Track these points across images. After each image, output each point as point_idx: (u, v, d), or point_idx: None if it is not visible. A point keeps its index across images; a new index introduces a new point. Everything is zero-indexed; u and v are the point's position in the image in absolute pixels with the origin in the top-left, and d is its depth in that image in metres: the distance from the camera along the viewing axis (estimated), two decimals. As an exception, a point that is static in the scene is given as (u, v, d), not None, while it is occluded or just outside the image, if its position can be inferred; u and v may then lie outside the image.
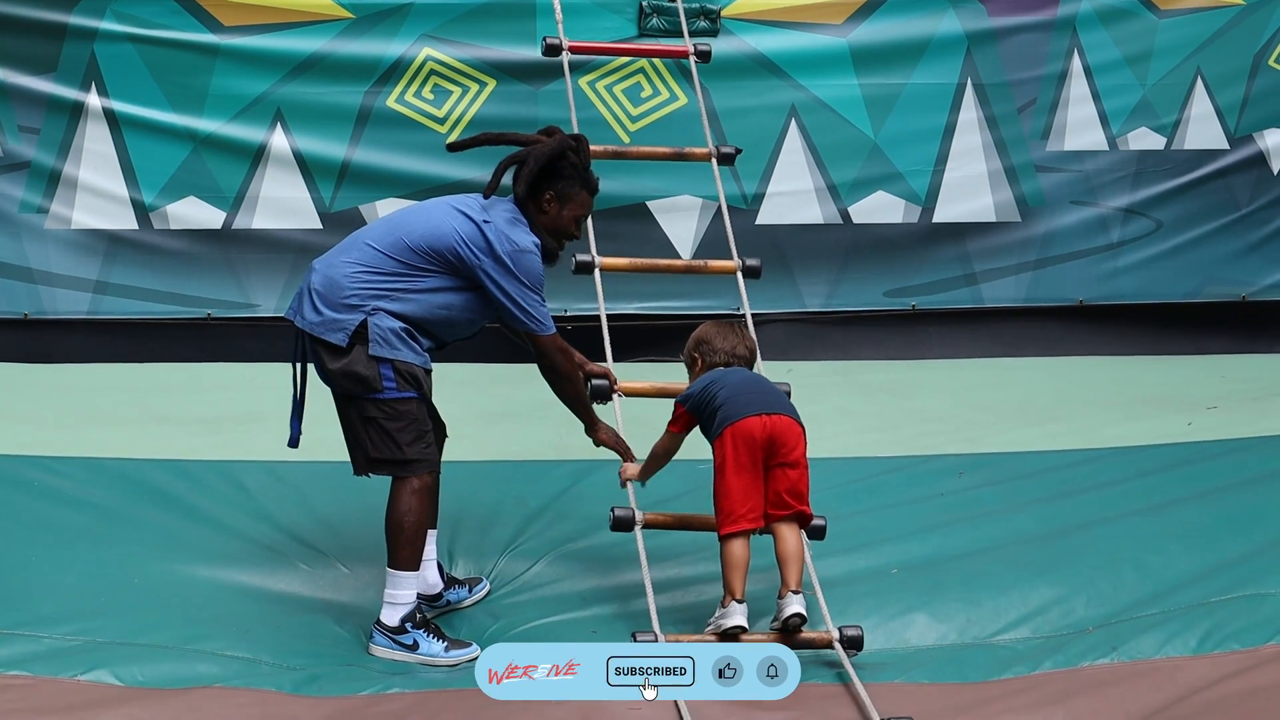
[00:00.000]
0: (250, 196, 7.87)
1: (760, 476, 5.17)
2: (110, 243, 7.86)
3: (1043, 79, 8.22)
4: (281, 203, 7.88)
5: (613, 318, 6.18)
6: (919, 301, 8.30)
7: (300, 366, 5.38)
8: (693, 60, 7.23)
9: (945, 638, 5.37)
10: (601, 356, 5.92)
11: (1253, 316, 8.52)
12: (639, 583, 5.32)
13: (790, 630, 5.13)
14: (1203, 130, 8.36)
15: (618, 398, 5.69)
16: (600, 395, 5.61)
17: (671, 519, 5.51)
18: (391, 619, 5.25)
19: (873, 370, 7.95)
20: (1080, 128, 8.27)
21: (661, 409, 5.46)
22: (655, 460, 5.42)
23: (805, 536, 5.31)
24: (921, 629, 5.41)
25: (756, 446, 5.14)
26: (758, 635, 5.15)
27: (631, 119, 7.94)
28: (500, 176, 5.31)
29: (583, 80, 7.85)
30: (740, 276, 6.27)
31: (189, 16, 7.73)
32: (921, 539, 5.87)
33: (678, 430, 5.34)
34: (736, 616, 5.08)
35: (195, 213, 7.87)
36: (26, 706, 4.79)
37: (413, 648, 5.23)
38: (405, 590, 5.25)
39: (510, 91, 7.85)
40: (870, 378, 7.80)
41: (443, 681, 5.07)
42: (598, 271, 6.18)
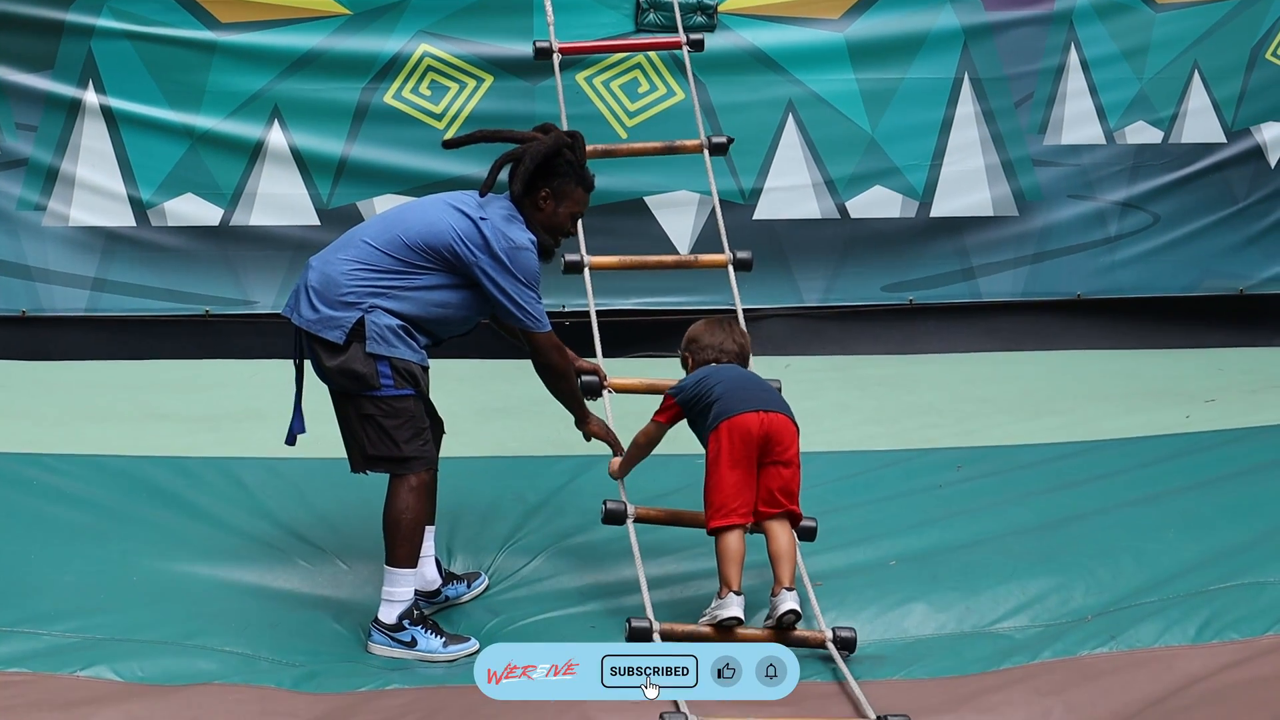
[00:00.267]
0: (248, 193, 7.87)
1: (753, 472, 5.18)
2: (108, 240, 7.86)
3: (1040, 73, 8.22)
4: (279, 199, 7.88)
5: (609, 314, 6.20)
6: (917, 296, 8.30)
7: (300, 363, 5.38)
8: (685, 51, 7.22)
9: (944, 627, 5.38)
10: (593, 353, 5.93)
11: (1250, 310, 8.53)
12: (638, 578, 5.32)
13: (785, 627, 5.13)
14: (1200, 124, 8.36)
15: (607, 394, 5.70)
16: (590, 391, 5.62)
17: (664, 514, 5.51)
18: (389, 617, 5.25)
19: (870, 365, 7.95)
20: (1077, 122, 8.27)
21: (652, 405, 5.47)
22: (638, 449, 5.43)
23: (795, 537, 5.32)
24: (920, 619, 5.41)
25: (752, 443, 5.15)
26: (752, 630, 5.15)
27: (629, 114, 7.94)
28: (496, 174, 5.32)
29: (580, 76, 7.85)
30: (731, 270, 6.27)
31: (186, 13, 7.72)
32: (920, 531, 5.87)
33: (663, 420, 5.36)
34: (733, 607, 5.09)
35: (193, 210, 7.87)
36: (26, 702, 4.79)
37: (411, 644, 5.24)
38: (403, 588, 5.26)
39: (507, 87, 7.85)
40: (868, 372, 7.80)
41: (441, 678, 5.08)
42: (587, 271, 6.19)
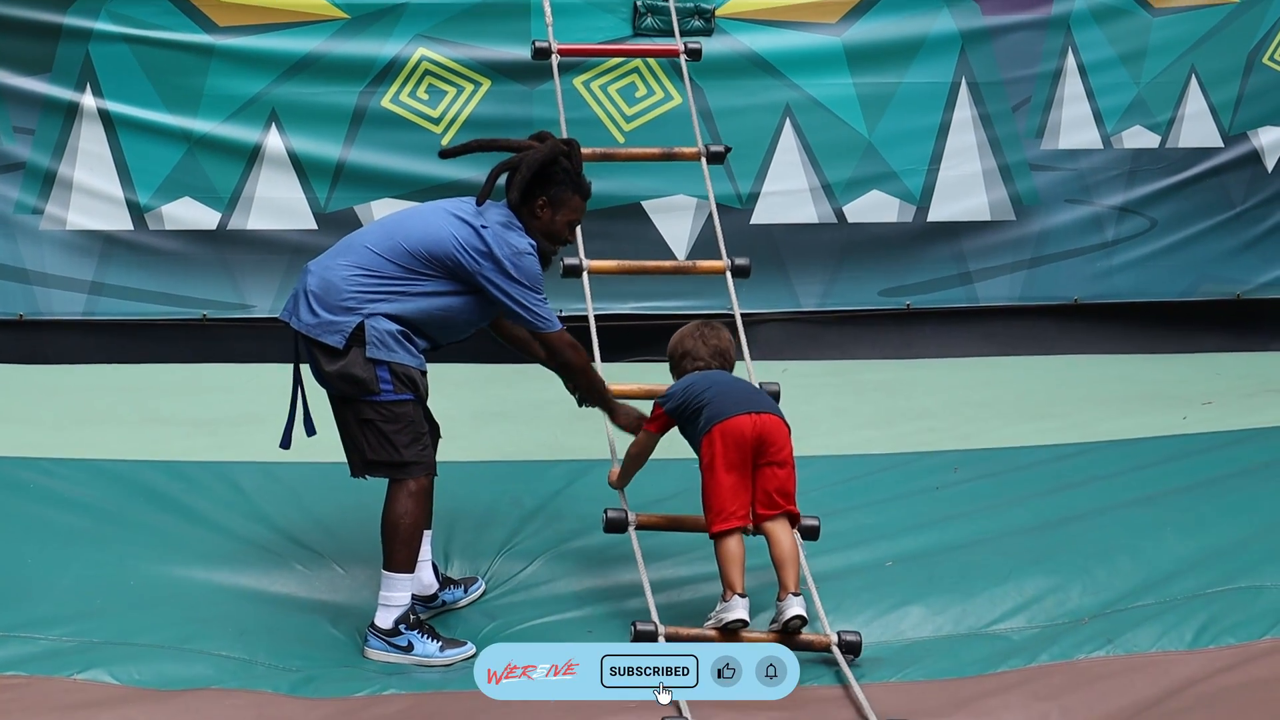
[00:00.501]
0: (245, 197, 7.87)
1: (748, 475, 5.19)
2: (105, 243, 7.85)
3: (1037, 77, 8.22)
4: (276, 203, 7.87)
5: (607, 318, 6.20)
6: (914, 301, 8.30)
7: (298, 368, 5.38)
8: (683, 59, 7.22)
9: (941, 629, 5.38)
10: (591, 358, 5.92)
11: (1247, 314, 8.53)
12: (635, 582, 5.33)
13: (791, 632, 5.14)
14: (1197, 128, 8.36)
15: None
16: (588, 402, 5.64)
17: (664, 520, 5.52)
18: (385, 621, 5.25)
19: (868, 369, 7.95)
20: (1074, 126, 8.27)
21: (648, 410, 5.47)
22: (633, 460, 5.46)
23: (799, 537, 5.32)
24: (917, 621, 5.41)
25: (746, 445, 5.16)
26: (757, 633, 5.16)
27: (626, 119, 7.94)
28: (492, 183, 5.31)
29: (577, 80, 7.85)
30: (729, 276, 6.28)
31: (183, 17, 7.72)
32: (917, 533, 5.88)
33: (654, 430, 5.38)
34: (738, 610, 5.09)
35: (190, 213, 7.86)
36: (22, 706, 4.79)
37: (407, 649, 5.23)
38: (400, 592, 5.25)
39: (505, 91, 7.85)
40: (865, 377, 7.80)
41: (438, 683, 5.08)
42: (586, 275, 6.19)
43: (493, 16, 7.83)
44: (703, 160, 6.67)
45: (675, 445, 5.47)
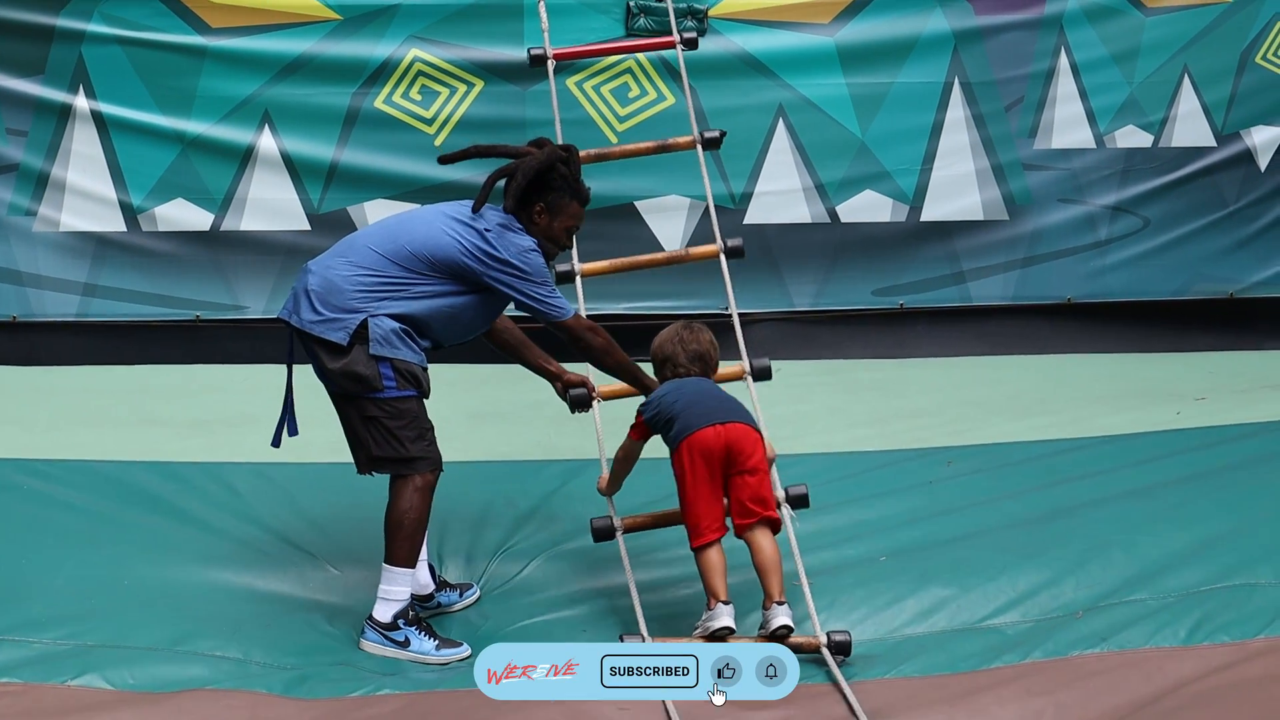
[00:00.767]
0: (238, 198, 7.87)
1: (720, 486, 5.19)
2: (99, 245, 7.86)
3: (1030, 77, 8.23)
4: (270, 204, 7.88)
5: (601, 318, 6.18)
6: (907, 300, 8.31)
7: (290, 367, 5.38)
8: (679, 49, 7.19)
9: (935, 624, 5.38)
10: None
11: (1240, 313, 8.54)
12: (628, 583, 5.33)
13: (778, 640, 5.12)
14: (1190, 128, 8.38)
15: (597, 403, 5.71)
16: (581, 404, 5.64)
17: (650, 519, 5.53)
18: (384, 615, 5.25)
19: (861, 369, 7.96)
20: (1067, 126, 8.29)
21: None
22: (620, 465, 5.47)
23: (790, 509, 5.33)
24: (910, 616, 5.41)
25: (714, 457, 5.16)
26: (744, 639, 5.15)
27: (619, 119, 7.94)
28: (489, 190, 5.30)
29: (570, 81, 7.85)
30: (724, 260, 6.25)
31: (176, 18, 7.73)
32: (910, 527, 5.89)
33: (636, 437, 5.40)
34: (723, 618, 5.09)
35: (183, 215, 7.87)
36: (15, 713, 4.79)
37: (404, 644, 5.23)
38: (400, 587, 5.26)
39: (498, 92, 7.85)
40: (859, 376, 7.81)
41: (433, 683, 5.07)
42: (579, 279, 6.19)
43: (485, 17, 7.84)
44: (698, 147, 6.63)
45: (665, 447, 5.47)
